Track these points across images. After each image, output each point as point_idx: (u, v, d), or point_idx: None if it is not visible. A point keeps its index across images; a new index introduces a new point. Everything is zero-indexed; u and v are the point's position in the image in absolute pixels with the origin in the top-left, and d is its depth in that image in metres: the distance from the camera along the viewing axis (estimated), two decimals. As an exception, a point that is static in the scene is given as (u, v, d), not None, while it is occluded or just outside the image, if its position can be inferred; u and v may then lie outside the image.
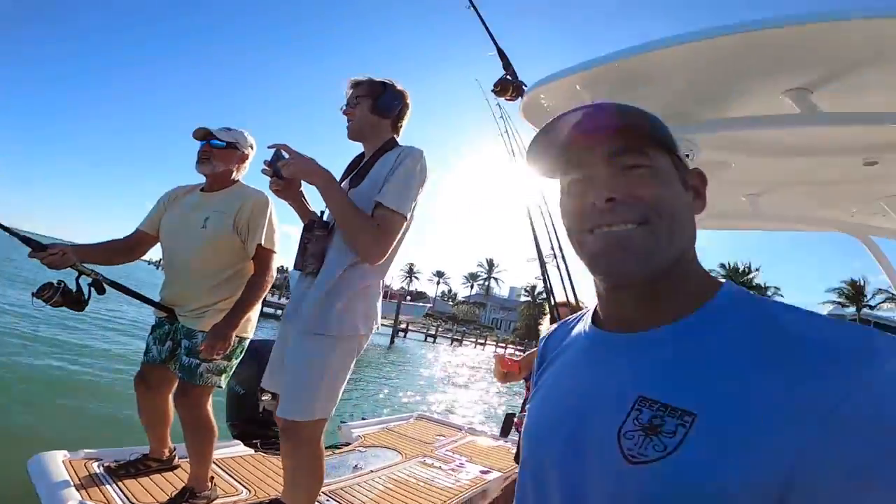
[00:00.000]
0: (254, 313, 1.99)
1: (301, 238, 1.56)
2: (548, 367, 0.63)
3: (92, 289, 1.89)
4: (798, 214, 2.00)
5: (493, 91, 1.70)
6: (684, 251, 0.51)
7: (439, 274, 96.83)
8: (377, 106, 1.61)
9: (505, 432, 1.75)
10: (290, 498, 1.59)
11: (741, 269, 47.14)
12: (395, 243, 1.53)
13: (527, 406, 0.57)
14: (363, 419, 4.09)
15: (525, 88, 1.61)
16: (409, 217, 1.53)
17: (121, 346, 8.68)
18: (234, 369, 2.02)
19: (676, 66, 1.15)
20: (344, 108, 1.64)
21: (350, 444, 3.19)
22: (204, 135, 1.99)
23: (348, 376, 1.55)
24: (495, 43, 1.86)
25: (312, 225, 1.55)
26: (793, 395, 0.37)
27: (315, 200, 1.62)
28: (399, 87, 1.67)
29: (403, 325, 36.11)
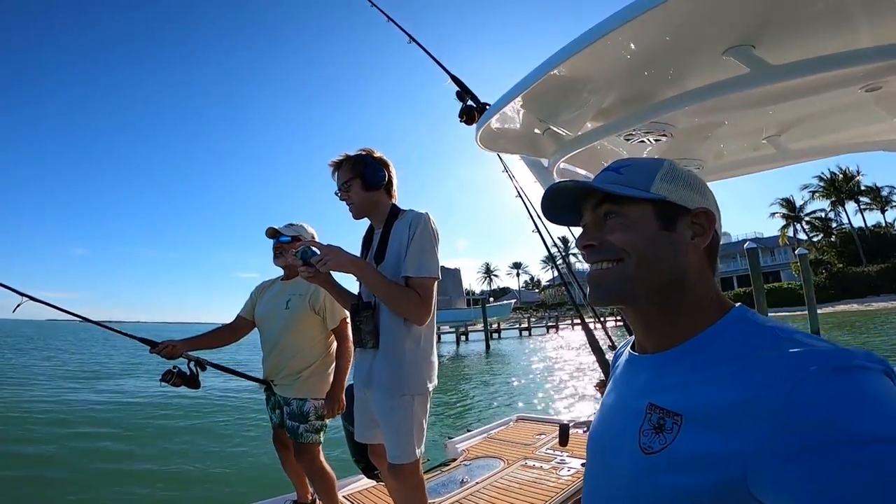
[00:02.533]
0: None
1: (352, 321, 1.74)
2: (610, 378, 0.79)
3: (198, 368, 2.35)
4: (824, 145, 1.84)
5: (460, 121, 1.68)
6: (668, 283, 0.61)
7: (517, 265, 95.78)
8: (366, 183, 1.75)
9: (563, 442, 1.80)
10: None
11: (840, 176, 41.58)
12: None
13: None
14: (468, 431, 4.27)
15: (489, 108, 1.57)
16: (438, 273, 1.70)
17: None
18: (327, 426, 2.38)
19: (607, 58, 1.10)
20: (338, 193, 1.79)
21: (455, 459, 3.38)
22: (273, 233, 2.44)
23: (428, 416, 1.77)
24: (447, 71, 1.80)
25: (358, 308, 1.73)
26: (746, 401, 0.49)
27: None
28: (377, 154, 1.79)
29: (495, 326, 36.21)
